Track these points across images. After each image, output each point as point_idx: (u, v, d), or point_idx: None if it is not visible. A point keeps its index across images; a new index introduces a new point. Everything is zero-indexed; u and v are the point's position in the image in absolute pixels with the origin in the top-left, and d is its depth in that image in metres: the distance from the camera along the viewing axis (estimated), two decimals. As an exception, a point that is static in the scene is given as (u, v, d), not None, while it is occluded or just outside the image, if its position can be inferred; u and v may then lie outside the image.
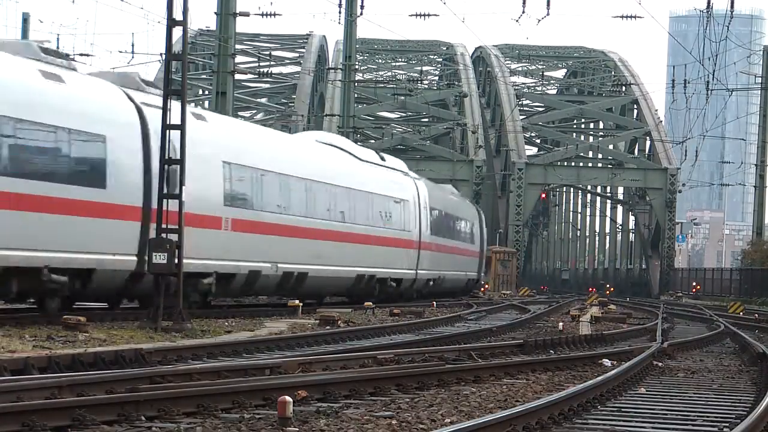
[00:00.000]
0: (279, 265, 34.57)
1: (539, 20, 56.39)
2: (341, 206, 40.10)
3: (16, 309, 27.86)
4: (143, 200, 27.41)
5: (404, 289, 47.60)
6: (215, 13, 47.74)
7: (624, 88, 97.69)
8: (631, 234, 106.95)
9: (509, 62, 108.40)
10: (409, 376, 15.96)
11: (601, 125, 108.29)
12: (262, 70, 78.84)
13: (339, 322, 29.17)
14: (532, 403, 12.93)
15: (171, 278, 26.00)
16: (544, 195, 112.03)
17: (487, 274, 79.36)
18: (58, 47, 59.61)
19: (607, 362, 20.22)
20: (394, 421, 12.42)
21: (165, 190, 26.70)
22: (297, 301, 34.13)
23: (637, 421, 13.33)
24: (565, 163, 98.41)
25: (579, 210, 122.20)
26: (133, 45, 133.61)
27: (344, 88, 68.89)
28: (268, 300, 41.41)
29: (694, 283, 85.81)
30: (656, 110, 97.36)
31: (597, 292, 73.47)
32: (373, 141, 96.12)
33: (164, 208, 26.56)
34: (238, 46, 70.88)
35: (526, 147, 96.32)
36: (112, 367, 16.07)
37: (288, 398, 12.01)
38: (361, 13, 64.47)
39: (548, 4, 53.94)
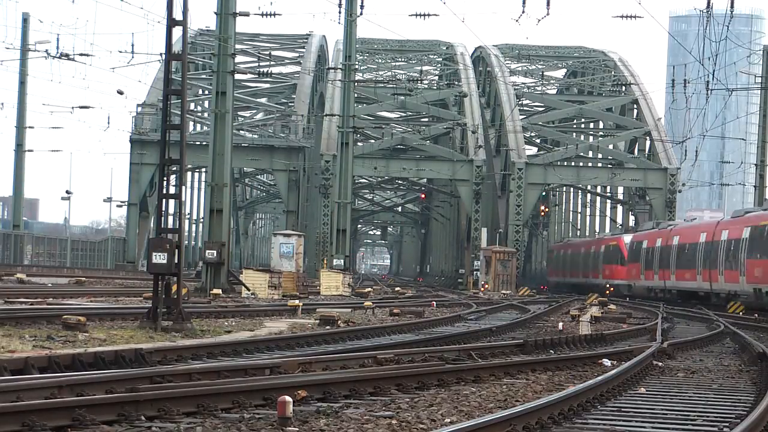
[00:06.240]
0: None
1: (539, 20, 56.17)
2: None
3: (16, 309, 27.85)
4: None
5: None
6: (215, 13, 47.74)
7: (624, 88, 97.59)
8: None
9: (509, 62, 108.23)
10: (409, 376, 15.95)
11: (601, 125, 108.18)
12: (262, 70, 78.76)
13: (339, 322, 29.16)
14: (532, 403, 12.94)
15: (171, 278, 25.98)
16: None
17: (488, 273, 79.27)
18: (57, 47, 59.58)
19: (607, 362, 20.21)
20: (394, 421, 12.42)
21: (165, 190, 26.69)
22: (297, 301, 34.13)
23: (637, 421, 13.34)
24: (565, 163, 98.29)
25: (579, 210, 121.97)
26: (133, 45, 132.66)
27: (344, 87, 68.86)
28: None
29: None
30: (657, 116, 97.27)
31: (597, 292, 73.31)
32: (373, 141, 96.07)
33: (164, 207, 26.54)
34: (238, 46, 70.80)
35: (526, 147, 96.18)
36: (112, 367, 16.06)
37: (288, 398, 12.02)
38: (361, 13, 64.45)
39: (548, 4, 53.75)
